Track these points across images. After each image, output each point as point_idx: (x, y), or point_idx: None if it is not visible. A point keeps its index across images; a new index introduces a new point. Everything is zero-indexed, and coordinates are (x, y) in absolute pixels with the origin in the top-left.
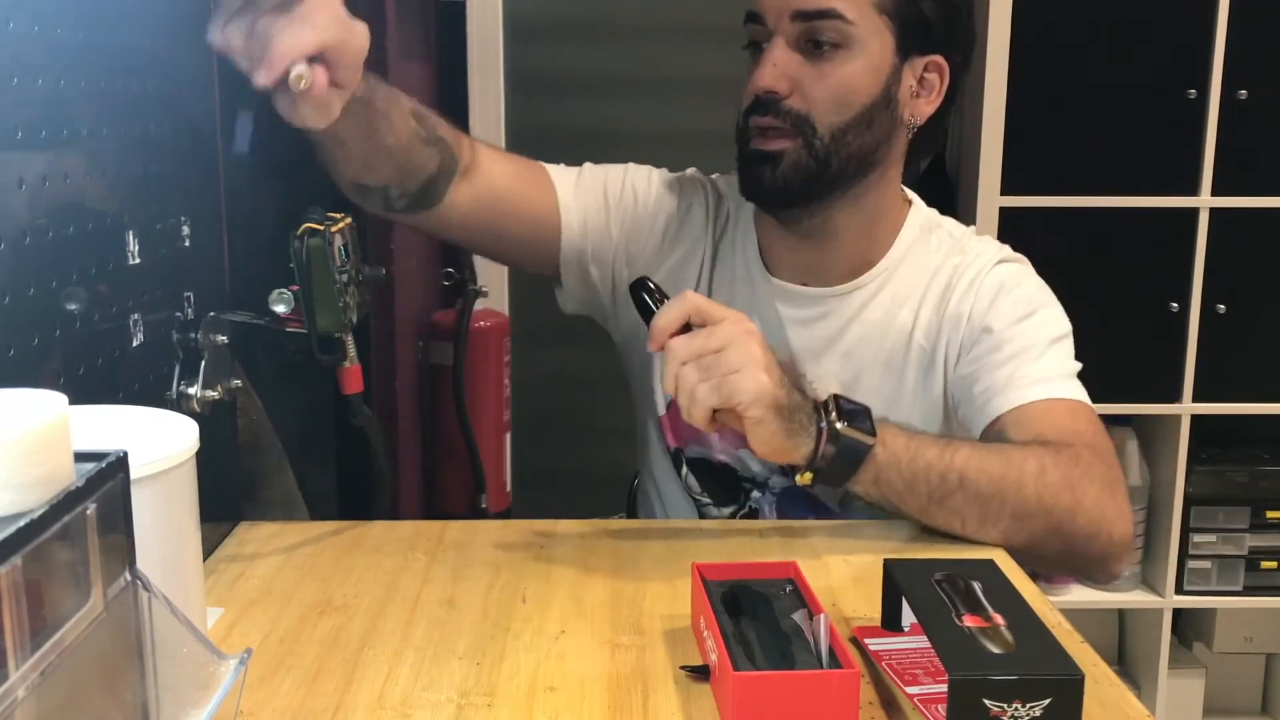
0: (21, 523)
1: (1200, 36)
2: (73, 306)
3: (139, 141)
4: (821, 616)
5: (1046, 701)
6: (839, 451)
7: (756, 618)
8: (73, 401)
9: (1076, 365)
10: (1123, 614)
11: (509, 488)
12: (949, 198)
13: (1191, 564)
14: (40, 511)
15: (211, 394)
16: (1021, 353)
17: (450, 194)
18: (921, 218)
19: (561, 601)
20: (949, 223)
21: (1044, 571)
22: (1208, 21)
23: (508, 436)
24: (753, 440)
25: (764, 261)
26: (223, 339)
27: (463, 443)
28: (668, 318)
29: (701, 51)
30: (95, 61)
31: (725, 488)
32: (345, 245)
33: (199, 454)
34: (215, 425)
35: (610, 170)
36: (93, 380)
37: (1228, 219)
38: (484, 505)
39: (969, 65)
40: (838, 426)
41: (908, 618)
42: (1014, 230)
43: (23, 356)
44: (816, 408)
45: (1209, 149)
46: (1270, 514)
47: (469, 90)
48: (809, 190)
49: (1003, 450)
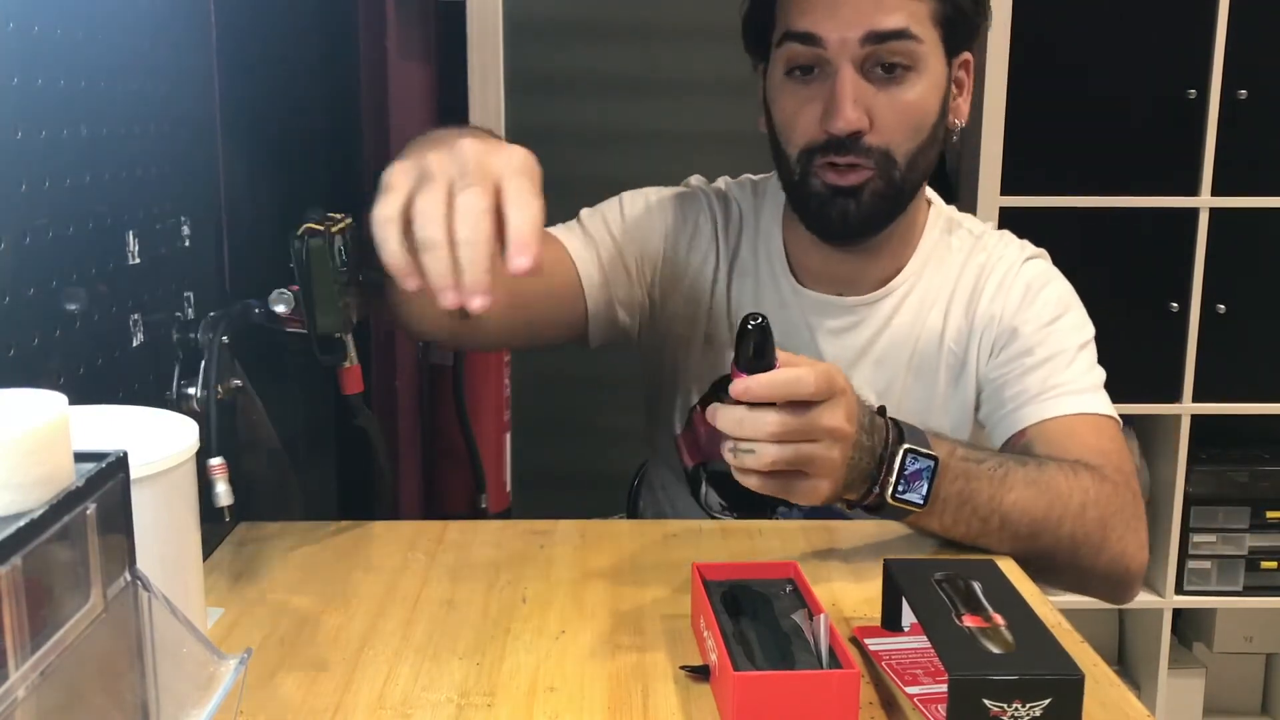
0: (21, 523)
1: (1200, 36)
2: (73, 306)
3: (139, 141)
4: (821, 616)
5: (1046, 701)
6: (887, 511)
7: (756, 618)
8: (73, 401)
9: (1101, 371)
10: (1123, 614)
11: (509, 488)
12: (949, 198)
13: (1191, 564)
14: (40, 511)
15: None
16: (1052, 358)
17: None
18: (942, 217)
19: (561, 601)
20: (968, 219)
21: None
22: (1208, 21)
23: (508, 436)
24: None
25: (792, 270)
26: (223, 339)
27: (463, 443)
28: (784, 382)
29: (701, 52)
30: (95, 61)
31: (751, 503)
32: (345, 245)
33: (199, 454)
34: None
35: (606, 208)
36: (93, 380)
37: (1228, 219)
38: (484, 505)
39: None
40: (889, 500)
41: (908, 618)
42: (1014, 230)
43: (23, 356)
44: (871, 474)
45: (1209, 149)
46: (1270, 514)
47: (469, 90)
48: (890, 217)
49: (1051, 485)
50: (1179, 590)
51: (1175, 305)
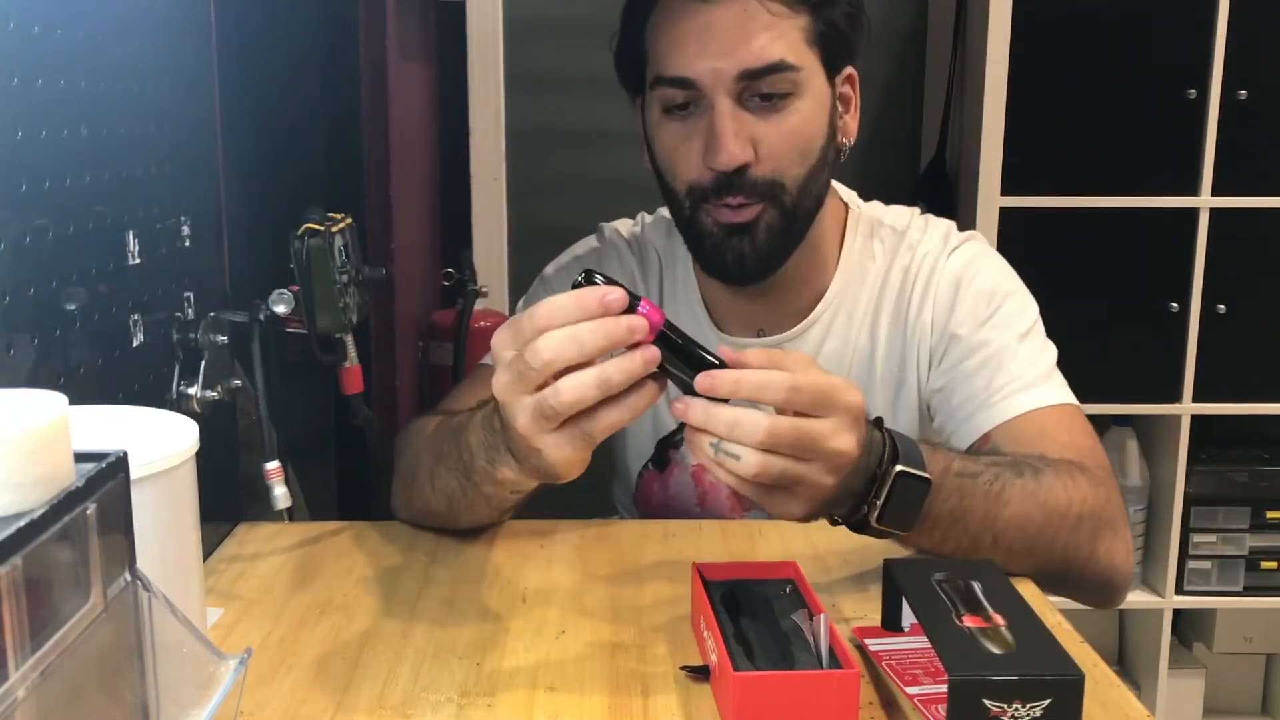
0: (21, 523)
1: (1200, 36)
2: (73, 306)
3: (139, 141)
4: (821, 616)
5: (1046, 702)
6: (870, 532)
7: (756, 618)
8: (73, 401)
9: (1052, 352)
10: (1123, 614)
11: None
12: (949, 198)
13: (1191, 564)
14: (40, 511)
15: (211, 394)
16: (995, 357)
17: None
18: (862, 223)
19: (561, 601)
20: (890, 214)
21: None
22: (1208, 21)
23: None
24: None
25: (711, 314)
26: (223, 339)
27: None
28: (770, 380)
29: None
30: (95, 61)
31: None
32: (345, 245)
33: (199, 454)
34: (215, 425)
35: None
36: (93, 380)
37: (1228, 219)
38: None
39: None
40: (873, 525)
41: (908, 618)
42: (1014, 230)
43: (23, 356)
44: (859, 493)
45: (1209, 149)
46: (1270, 514)
47: (469, 90)
48: (785, 251)
49: (1049, 498)
50: (1179, 590)
51: (1175, 305)
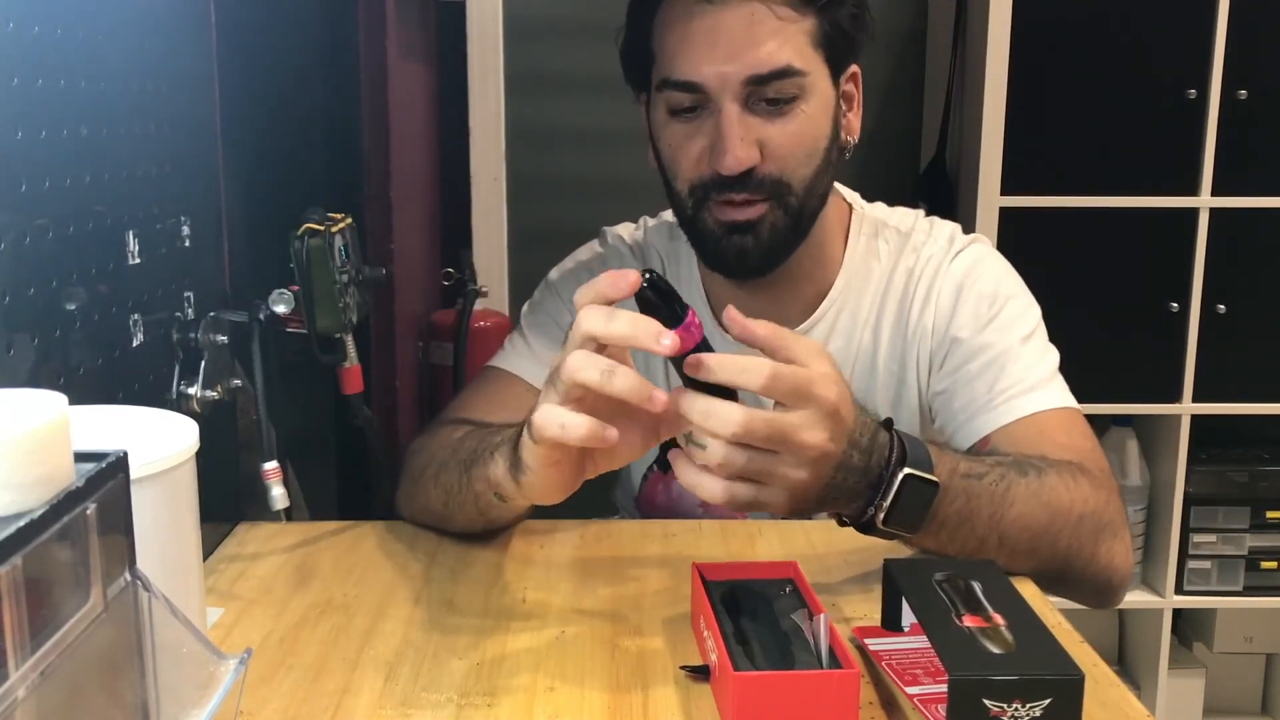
0: (21, 523)
1: (1200, 36)
2: (73, 306)
3: (139, 141)
4: (821, 616)
5: (1046, 701)
6: (876, 534)
7: (756, 618)
8: (73, 401)
9: (1054, 355)
10: (1123, 614)
11: None
12: (949, 198)
13: (1191, 564)
14: (40, 511)
15: (211, 394)
16: (996, 360)
17: None
18: (866, 223)
19: (561, 601)
20: (895, 215)
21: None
22: (1208, 21)
23: None
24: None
25: (715, 313)
26: (223, 339)
27: None
28: (733, 369)
29: None
30: (95, 61)
31: None
32: (345, 245)
33: (199, 454)
34: (215, 425)
35: (535, 318)
36: (93, 380)
37: (1228, 219)
38: None
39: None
40: (879, 526)
41: (908, 618)
42: (1014, 230)
43: (23, 356)
44: (865, 495)
45: (1209, 149)
46: (1270, 514)
47: (469, 90)
48: (788, 249)
49: (1053, 498)
50: (1179, 590)
51: (1175, 305)
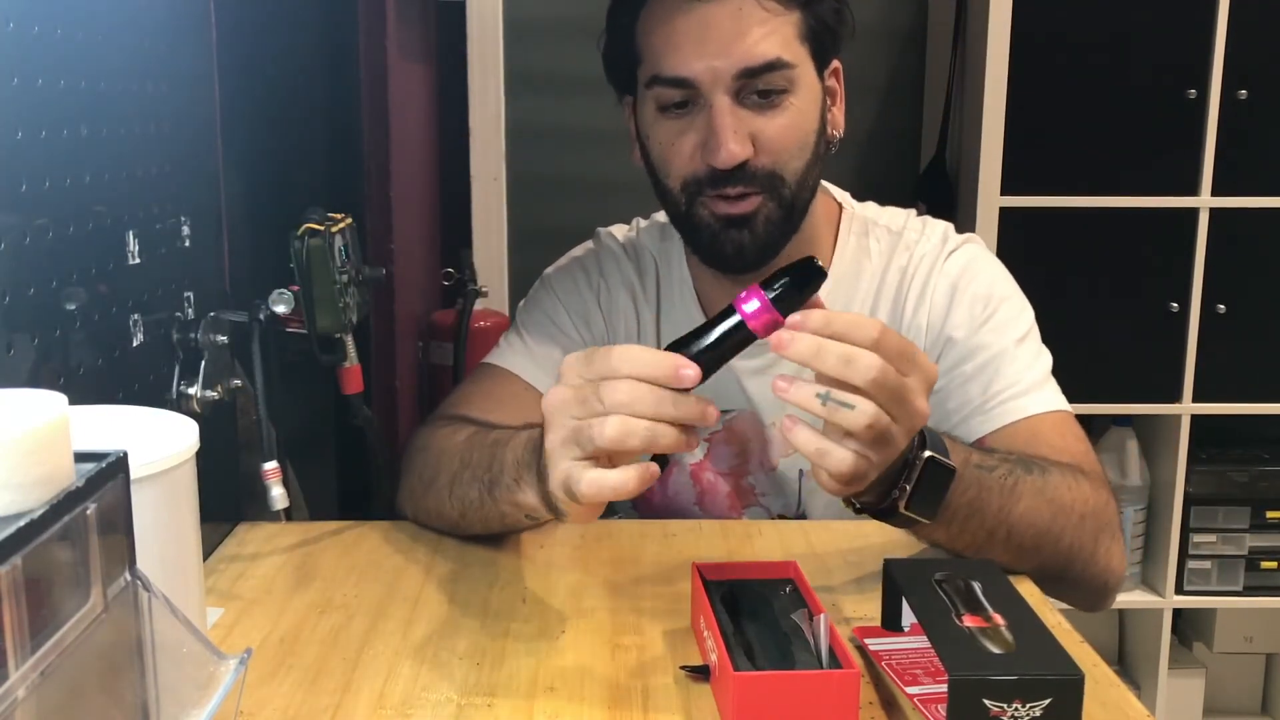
0: (21, 523)
1: (1200, 36)
2: (73, 306)
3: (139, 141)
4: (821, 616)
5: (1046, 701)
6: (896, 519)
7: (756, 618)
8: (73, 401)
9: (1047, 357)
10: (1123, 614)
11: None
12: (949, 198)
13: (1191, 564)
14: (40, 511)
15: (211, 394)
16: (991, 361)
17: None
18: (856, 222)
19: (561, 601)
20: (885, 214)
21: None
22: (1208, 21)
23: None
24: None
25: (705, 311)
26: (223, 339)
27: None
28: (849, 322)
29: None
30: (95, 61)
31: None
32: (345, 245)
33: (199, 454)
34: (215, 425)
35: (531, 316)
36: (93, 380)
37: (1228, 219)
38: None
39: None
40: (901, 511)
41: (908, 618)
42: (1014, 230)
43: (23, 356)
44: (891, 477)
45: (1209, 149)
46: (1270, 514)
47: (469, 90)
48: (783, 240)
49: (1056, 496)
50: (1179, 590)
51: (1175, 305)
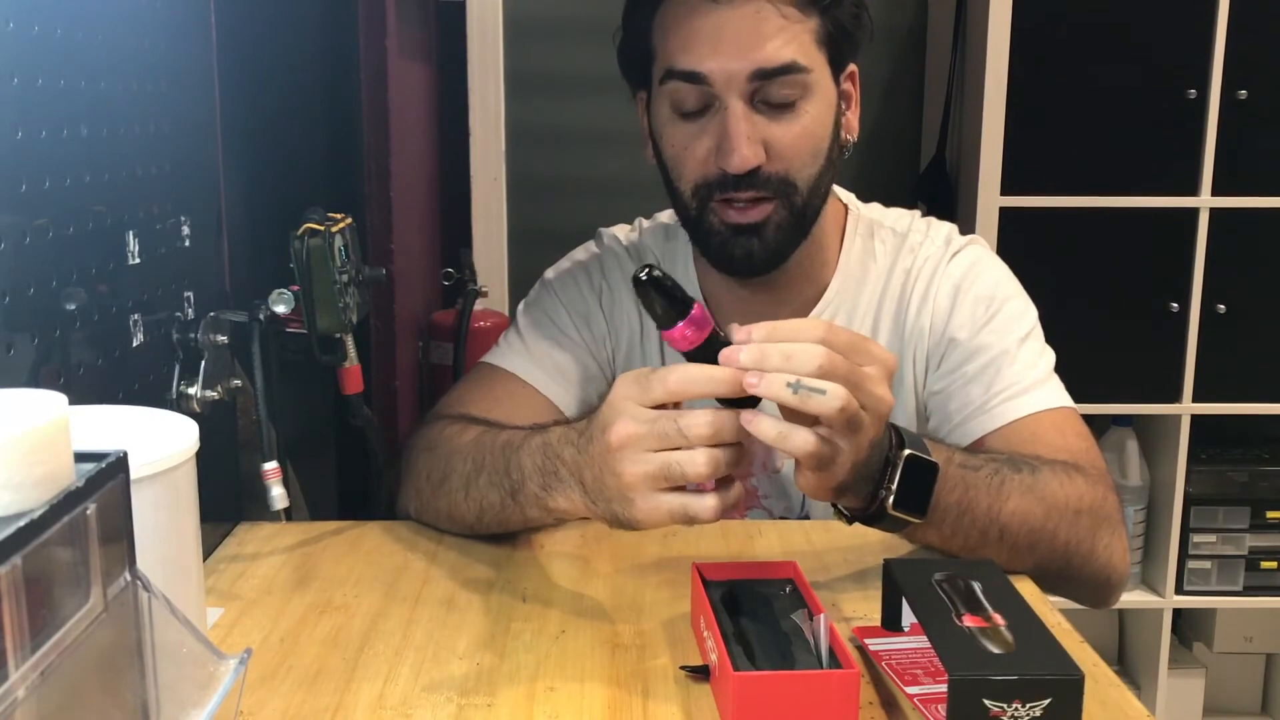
0: (21, 523)
1: (1200, 36)
2: (73, 306)
3: (139, 141)
4: (821, 616)
5: (1046, 701)
6: (886, 523)
7: (756, 618)
8: (73, 401)
9: (1050, 356)
10: (1123, 614)
11: None
12: (949, 198)
13: (1191, 564)
14: (40, 511)
15: (211, 394)
16: (993, 362)
17: None
18: (862, 224)
19: (561, 601)
20: (890, 215)
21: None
22: (1208, 21)
23: None
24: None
25: (711, 313)
26: (223, 339)
27: None
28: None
29: None
30: (95, 61)
31: None
32: (345, 245)
33: (199, 454)
34: (215, 425)
35: (531, 316)
36: (93, 380)
37: (1228, 219)
38: None
39: None
40: (890, 512)
41: (908, 618)
42: (1014, 230)
43: (23, 356)
44: (874, 479)
45: (1209, 149)
46: (1270, 514)
47: (469, 90)
48: (792, 247)
49: (1047, 492)
50: (1179, 590)
51: (1175, 305)
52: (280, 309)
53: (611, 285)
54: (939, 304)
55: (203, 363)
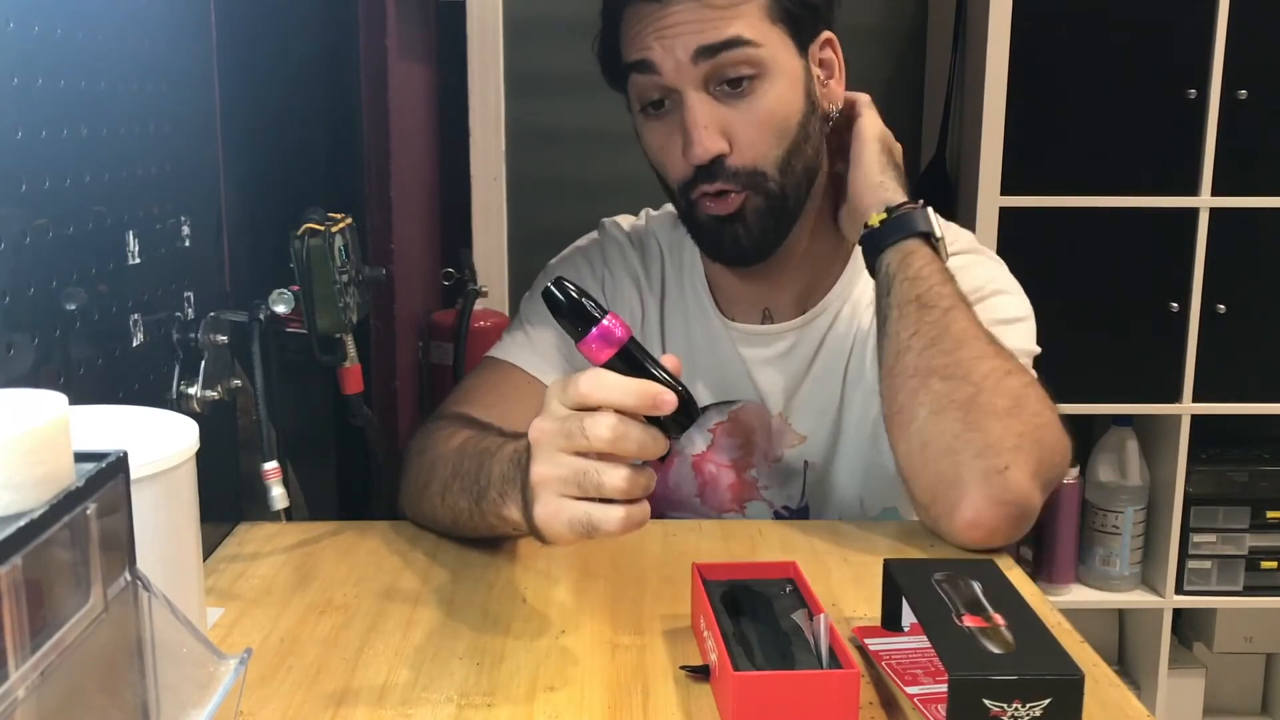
0: (21, 523)
1: (1200, 36)
2: (73, 306)
3: (139, 141)
4: (821, 616)
5: (1046, 701)
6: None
7: (756, 618)
8: (73, 401)
9: (1033, 347)
10: (1123, 614)
11: None
12: (949, 198)
13: (1191, 564)
14: (40, 511)
15: (211, 394)
16: None
17: None
18: None
19: (561, 601)
20: None
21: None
22: (1208, 21)
23: None
24: None
25: (718, 302)
26: (223, 339)
27: None
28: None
29: None
30: (95, 61)
31: None
32: (345, 245)
33: (199, 454)
34: (215, 425)
35: (536, 307)
36: (93, 380)
37: (1228, 219)
38: None
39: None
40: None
41: (908, 618)
42: (1014, 230)
43: (23, 356)
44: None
45: (1209, 149)
46: (1270, 514)
47: (469, 90)
48: (780, 231)
49: (996, 361)
50: (1179, 590)
51: (1175, 305)
52: (280, 309)
53: (614, 272)
54: None
55: (203, 363)
